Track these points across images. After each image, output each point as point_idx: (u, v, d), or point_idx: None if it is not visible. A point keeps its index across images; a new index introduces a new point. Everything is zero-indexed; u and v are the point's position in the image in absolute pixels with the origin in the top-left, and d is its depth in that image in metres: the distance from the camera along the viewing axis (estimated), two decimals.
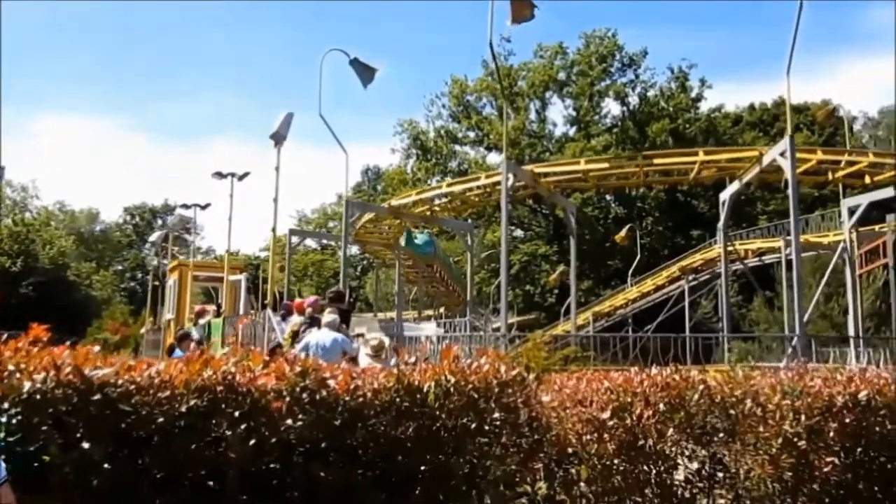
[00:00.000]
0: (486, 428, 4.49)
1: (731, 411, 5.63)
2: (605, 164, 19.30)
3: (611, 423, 5.02)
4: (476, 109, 45.02)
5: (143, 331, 25.49)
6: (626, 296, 29.63)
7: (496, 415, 4.52)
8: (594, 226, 41.13)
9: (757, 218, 41.32)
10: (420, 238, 23.80)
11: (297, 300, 12.27)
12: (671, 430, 5.22)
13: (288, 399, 4.01)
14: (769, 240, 26.02)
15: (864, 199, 17.80)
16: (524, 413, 4.81)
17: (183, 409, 3.68)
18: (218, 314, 17.13)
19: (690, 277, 26.82)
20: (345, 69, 13.23)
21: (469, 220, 21.51)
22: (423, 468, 4.26)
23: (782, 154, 13.61)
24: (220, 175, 17.38)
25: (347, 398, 4.13)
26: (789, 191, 13.44)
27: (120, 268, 75.78)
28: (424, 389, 4.39)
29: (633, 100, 46.26)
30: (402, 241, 22.94)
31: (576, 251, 19.30)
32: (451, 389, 4.43)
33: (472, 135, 45.27)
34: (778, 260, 22.87)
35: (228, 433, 3.79)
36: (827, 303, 27.76)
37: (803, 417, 6.05)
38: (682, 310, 26.89)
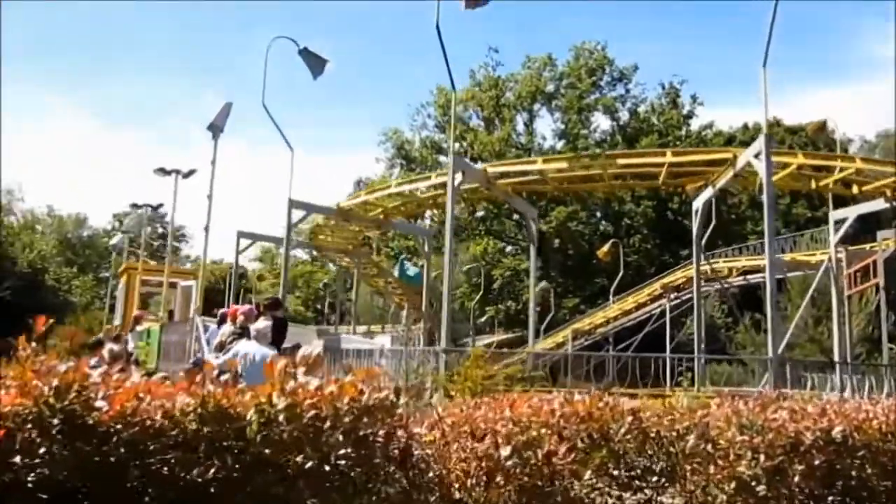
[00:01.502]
0: (328, 468, 3.40)
1: (671, 449, 4.57)
2: (564, 164, 18.33)
3: (510, 462, 3.94)
4: (462, 120, 44.14)
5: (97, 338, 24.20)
6: (607, 313, 28.53)
7: (345, 451, 3.43)
8: (579, 241, 40.13)
9: (748, 237, 40.37)
10: (412, 270, 23.97)
11: (233, 307, 11.21)
12: (589, 471, 4.14)
13: (30, 427, 2.92)
14: (754, 257, 24.95)
15: (851, 212, 16.65)
16: (397, 447, 3.75)
17: None
18: (171, 320, 16.03)
19: (672, 296, 25.77)
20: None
21: (429, 226, 20.52)
22: None
23: (757, 156, 12.55)
24: (163, 171, 16.25)
25: (120, 426, 3.04)
26: (764, 196, 12.35)
27: (107, 274, 74.36)
28: (248, 417, 3.32)
29: (623, 115, 45.51)
30: (396, 273, 23.15)
31: (537, 263, 18.29)
32: (281, 417, 3.35)
33: (456, 146, 44.25)
34: (763, 279, 21.85)
35: None
36: (817, 326, 26.70)
37: (763, 457, 5.00)
38: (666, 329, 25.81)
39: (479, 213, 41.77)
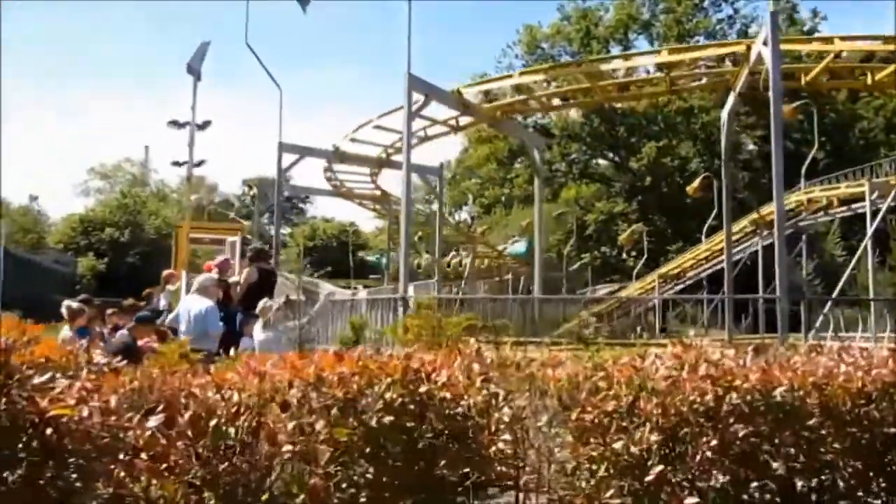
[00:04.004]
0: None
1: (471, 423, 3.31)
2: (541, 76, 16.50)
3: (200, 447, 2.91)
4: (552, 57, 41.58)
5: None
6: (697, 255, 25.99)
7: None
8: (676, 179, 36.92)
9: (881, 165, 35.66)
10: (522, 245, 26.48)
11: (207, 263, 10.65)
12: (328, 454, 3.01)
13: None
14: (853, 184, 21.57)
15: None
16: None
17: None
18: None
19: (766, 232, 22.87)
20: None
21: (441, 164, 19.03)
22: None
23: (765, 43, 10.14)
24: (176, 124, 15.77)
25: None
26: (770, 93, 10.00)
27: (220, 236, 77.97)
28: None
29: (731, 38, 41.08)
30: (511, 251, 27.64)
31: (541, 197, 16.50)
32: None
33: (545, 85, 41.76)
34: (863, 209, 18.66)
35: None
36: None
37: (647, 430, 3.68)
38: (768, 270, 23.07)
39: (572, 156, 39.53)
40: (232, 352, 8.24)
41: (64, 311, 9.11)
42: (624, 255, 35.40)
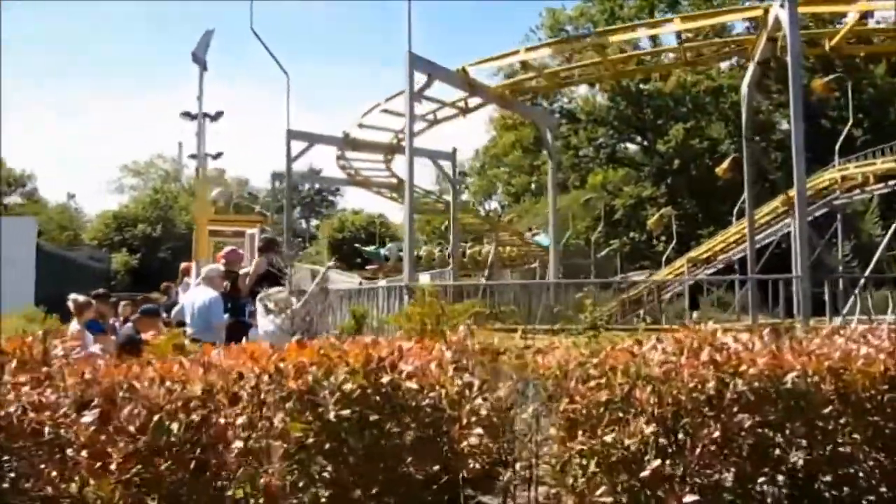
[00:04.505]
0: None
1: (440, 414, 3.02)
2: (547, 50, 16.10)
3: (142, 442, 2.69)
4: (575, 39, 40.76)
5: None
6: (727, 238, 25.27)
7: None
8: (705, 161, 36.01)
9: None
10: (545, 238, 26.40)
11: (218, 254, 10.48)
12: (282, 449, 2.76)
13: None
14: (891, 159, 20.64)
15: None
16: None
17: None
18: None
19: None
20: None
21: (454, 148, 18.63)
22: None
23: (783, 5, 9.55)
24: (189, 115, 15.58)
25: None
26: (788, 57, 9.42)
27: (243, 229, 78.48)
28: None
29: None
30: (535, 241, 27.81)
31: (554, 180, 15.97)
32: None
33: (562, 63, 40.99)
34: None
35: None
36: None
37: (642, 421, 3.38)
38: (791, 251, 22.32)
39: (599, 140, 38.78)
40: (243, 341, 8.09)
41: (70, 305, 9.04)
42: (653, 241, 34.70)
